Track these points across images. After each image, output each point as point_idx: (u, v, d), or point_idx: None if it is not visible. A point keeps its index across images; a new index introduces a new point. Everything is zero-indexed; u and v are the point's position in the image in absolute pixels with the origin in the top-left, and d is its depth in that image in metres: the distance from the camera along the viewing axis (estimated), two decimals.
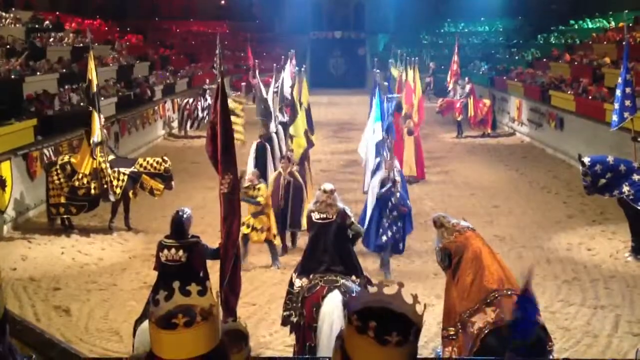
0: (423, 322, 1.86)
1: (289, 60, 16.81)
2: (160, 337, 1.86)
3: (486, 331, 5.56)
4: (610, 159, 10.11)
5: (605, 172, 9.93)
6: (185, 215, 6.56)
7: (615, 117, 11.19)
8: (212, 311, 1.89)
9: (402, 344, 1.76)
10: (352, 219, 6.67)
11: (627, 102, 10.93)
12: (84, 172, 11.44)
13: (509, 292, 5.64)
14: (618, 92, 11.12)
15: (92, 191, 11.48)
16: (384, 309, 1.81)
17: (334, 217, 6.47)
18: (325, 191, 6.62)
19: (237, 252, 6.05)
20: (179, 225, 6.51)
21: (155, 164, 11.89)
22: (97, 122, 11.48)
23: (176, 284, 1.91)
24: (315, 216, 6.54)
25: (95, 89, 11.50)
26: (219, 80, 6.04)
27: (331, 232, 6.45)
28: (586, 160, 10.07)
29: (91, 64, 11.44)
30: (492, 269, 5.88)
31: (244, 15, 39.81)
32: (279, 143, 12.78)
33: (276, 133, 12.87)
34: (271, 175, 11.13)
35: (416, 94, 17.00)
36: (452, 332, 5.92)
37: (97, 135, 11.42)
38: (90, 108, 11.52)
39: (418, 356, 5.60)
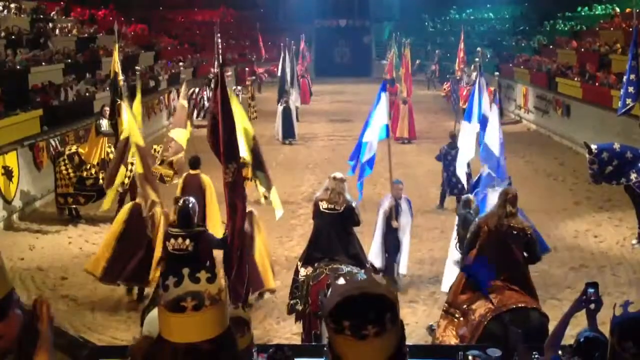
0: (398, 300, 1.85)
1: (286, 49, 18.23)
2: (169, 320, 1.88)
3: (489, 317, 5.57)
4: (617, 146, 10.05)
5: (612, 160, 9.87)
6: (190, 205, 6.58)
7: (620, 104, 11.19)
8: (220, 296, 1.91)
9: (380, 333, 1.75)
10: (359, 215, 6.67)
11: (631, 89, 10.89)
12: (93, 162, 11.47)
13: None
14: (625, 79, 11.10)
15: (101, 181, 11.52)
16: (361, 295, 1.79)
17: (342, 208, 6.46)
18: (335, 178, 6.61)
19: (243, 241, 6.06)
20: (185, 215, 6.53)
21: (163, 152, 11.89)
22: (125, 113, 11.64)
23: (186, 271, 1.92)
24: (323, 206, 6.53)
25: (122, 82, 11.67)
26: (219, 69, 6.02)
27: (337, 223, 6.46)
28: (593, 147, 10.00)
29: (115, 57, 11.57)
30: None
31: (248, 4, 39.70)
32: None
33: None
34: None
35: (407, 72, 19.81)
36: (457, 315, 5.92)
37: (125, 127, 11.65)
38: (119, 101, 11.65)
39: (424, 342, 5.59)
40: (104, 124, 11.58)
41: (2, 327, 2.52)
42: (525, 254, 5.97)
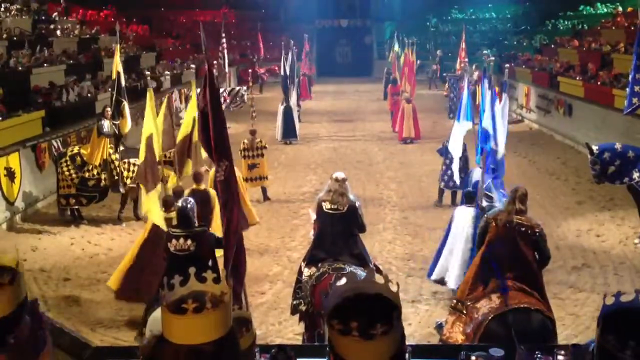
0: (399, 298, 1.82)
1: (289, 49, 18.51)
2: (170, 321, 1.87)
3: (490, 317, 5.56)
4: (618, 145, 10.02)
5: (614, 160, 9.84)
6: (189, 205, 6.57)
7: (626, 103, 11.18)
8: (223, 298, 1.89)
9: (388, 332, 1.73)
10: (362, 215, 6.65)
11: (637, 88, 10.87)
12: (95, 163, 11.49)
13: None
14: (630, 78, 11.09)
15: (103, 182, 11.54)
16: (359, 296, 1.77)
17: (344, 208, 6.45)
18: (337, 180, 6.58)
19: (240, 239, 6.03)
20: (185, 215, 6.53)
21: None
22: (128, 114, 11.78)
23: (192, 270, 1.91)
24: (326, 206, 6.51)
25: (124, 82, 11.77)
26: (207, 67, 5.97)
27: (340, 223, 6.44)
28: (595, 148, 9.97)
29: (117, 58, 11.63)
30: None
31: (250, 5, 39.71)
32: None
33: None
34: None
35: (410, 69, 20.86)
36: (464, 311, 5.91)
37: (128, 126, 11.91)
38: (123, 101, 11.73)
39: (427, 342, 5.57)
40: (106, 124, 11.60)
41: (18, 331, 2.54)
42: (535, 254, 5.91)
